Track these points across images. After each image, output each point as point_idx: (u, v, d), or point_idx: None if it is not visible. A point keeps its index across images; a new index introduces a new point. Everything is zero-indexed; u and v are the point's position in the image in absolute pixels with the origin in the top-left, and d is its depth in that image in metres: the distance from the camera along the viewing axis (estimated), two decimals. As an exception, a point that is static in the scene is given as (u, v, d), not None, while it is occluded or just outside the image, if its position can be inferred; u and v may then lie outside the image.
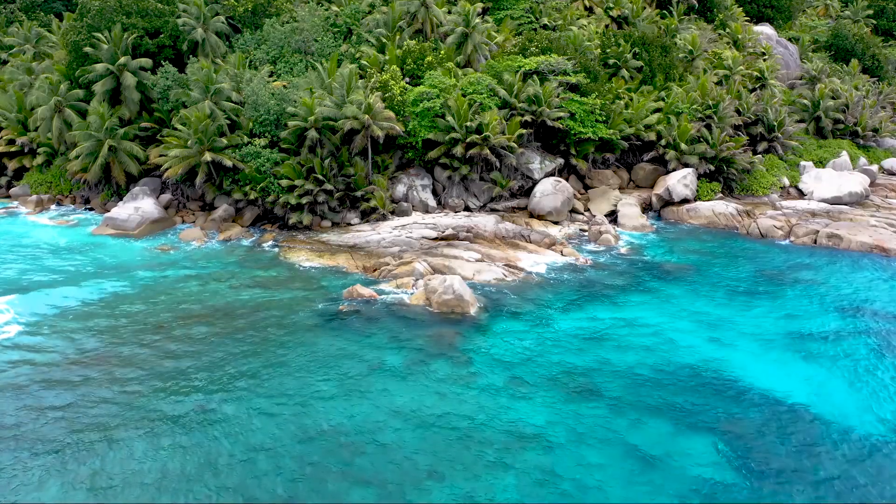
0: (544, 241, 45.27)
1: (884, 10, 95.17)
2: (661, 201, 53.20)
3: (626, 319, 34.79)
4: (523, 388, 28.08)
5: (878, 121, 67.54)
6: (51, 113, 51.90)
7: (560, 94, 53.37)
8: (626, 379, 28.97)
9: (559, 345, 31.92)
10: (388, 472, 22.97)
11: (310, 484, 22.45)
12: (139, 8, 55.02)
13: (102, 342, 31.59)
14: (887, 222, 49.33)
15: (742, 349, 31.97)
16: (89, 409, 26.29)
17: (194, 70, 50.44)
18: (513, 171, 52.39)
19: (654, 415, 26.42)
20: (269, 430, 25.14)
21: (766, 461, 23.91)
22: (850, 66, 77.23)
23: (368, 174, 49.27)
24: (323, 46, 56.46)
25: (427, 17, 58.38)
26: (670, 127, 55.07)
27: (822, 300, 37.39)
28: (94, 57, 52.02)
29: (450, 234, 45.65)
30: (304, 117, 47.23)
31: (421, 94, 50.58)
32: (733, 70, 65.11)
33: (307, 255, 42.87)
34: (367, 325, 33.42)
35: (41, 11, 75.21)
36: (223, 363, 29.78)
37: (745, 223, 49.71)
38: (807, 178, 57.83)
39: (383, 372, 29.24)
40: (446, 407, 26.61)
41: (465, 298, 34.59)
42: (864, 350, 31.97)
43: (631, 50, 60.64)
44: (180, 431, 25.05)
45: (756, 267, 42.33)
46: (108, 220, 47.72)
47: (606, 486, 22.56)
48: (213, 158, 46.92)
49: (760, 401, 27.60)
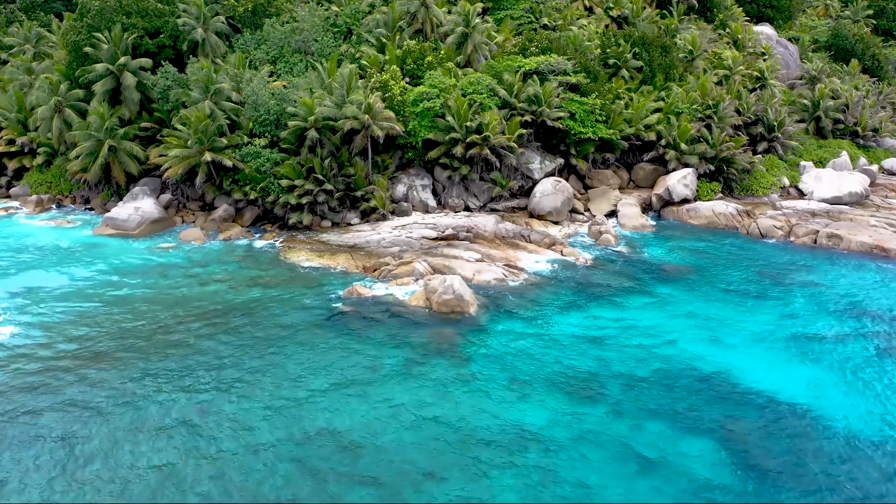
0: (544, 241, 45.27)
1: (884, 10, 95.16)
2: (661, 201, 53.20)
3: (626, 320, 34.80)
4: (523, 389, 28.10)
5: (878, 121, 67.54)
6: (51, 113, 51.90)
7: (560, 94, 53.37)
8: (625, 379, 28.98)
9: (559, 345, 31.94)
10: (388, 473, 22.97)
11: (309, 484, 22.45)
12: (139, 8, 55.02)
13: (102, 342, 31.61)
14: (887, 222, 49.33)
15: (742, 349, 31.97)
16: (87, 410, 26.30)
17: (194, 70, 50.46)
18: (513, 171, 52.40)
19: (654, 415, 26.43)
20: (268, 431, 25.15)
21: (766, 462, 23.91)
22: (850, 66, 77.23)
23: (368, 174, 49.27)
24: (323, 46, 56.47)
25: (427, 17, 58.38)
26: (670, 127, 55.08)
27: (822, 300, 37.39)
28: (94, 57, 52.03)
29: (450, 234, 45.66)
30: (304, 117, 47.24)
31: (421, 94, 50.59)
32: (733, 70, 65.11)
33: (307, 255, 42.88)
34: (366, 326, 33.43)
35: (41, 11, 75.17)
36: (223, 363, 29.80)
37: (745, 223, 49.71)
38: (807, 178, 57.83)
39: (383, 372, 29.25)
40: (446, 407, 26.61)
41: (464, 298, 34.59)
42: (864, 350, 31.97)
43: (631, 50, 60.65)
44: (180, 431, 25.06)
45: (756, 267, 42.33)
46: (108, 220, 47.73)
47: (606, 487, 22.56)
48: (213, 158, 46.94)
49: (760, 401, 27.60)
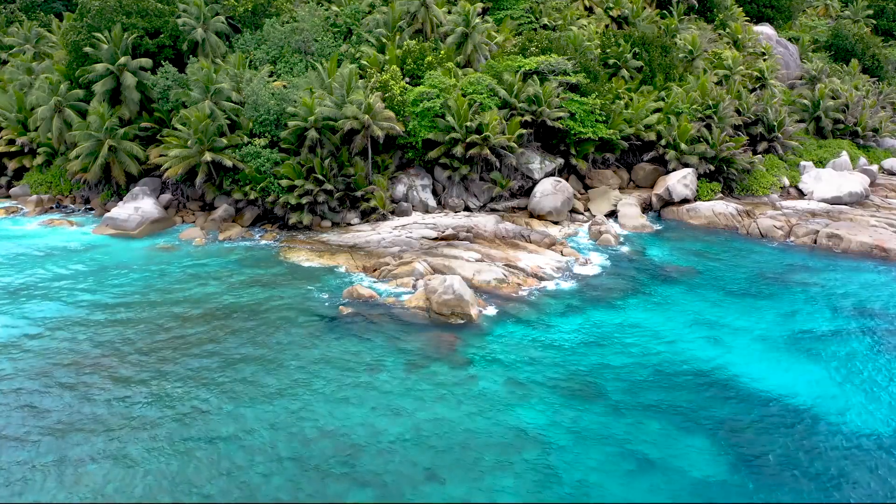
0: (544, 242, 45.26)
1: (884, 10, 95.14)
2: (661, 201, 53.19)
3: (626, 320, 34.80)
4: (523, 389, 28.10)
5: (878, 121, 67.53)
6: (51, 113, 51.86)
7: (560, 94, 53.36)
8: (625, 379, 28.99)
9: (559, 345, 31.94)
10: (388, 474, 22.96)
11: (309, 485, 22.45)
12: (139, 8, 54.99)
13: (101, 343, 31.60)
14: (887, 222, 49.32)
15: (742, 349, 31.97)
16: (87, 411, 26.30)
17: (194, 70, 50.44)
18: (513, 171, 52.39)
19: (654, 415, 26.43)
20: (268, 431, 25.13)
21: (766, 461, 23.91)
22: (850, 66, 77.22)
23: (368, 174, 49.26)
24: (323, 46, 56.46)
25: (427, 17, 58.37)
26: (670, 127, 55.07)
27: (823, 300, 37.39)
28: (94, 57, 52.01)
29: (450, 234, 45.65)
30: (304, 117, 47.23)
31: (421, 94, 50.57)
32: (733, 70, 65.09)
33: (307, 255, 42.88)
34: (366, 326, 33.42)
35: (41, 11, 75.08)
36: (222, 363, 29.79)
37: (745, 223, 49.70)
38: (807, 178, 57.82)
39: (383, 372, 29.25)
40: (446, 407, 26.61)
41: (464, 298, 34.58)
42: (864, 350, 31.98)
43: (631, 50, 60.64)
44: (179, 432, 25.06)
45: (756, 267, 42.33)
46: (108, 220, 47.72)
47: (606, 487, 22.56)
48: (213, 158, 46.93)
49: (761, 400, 27.61)
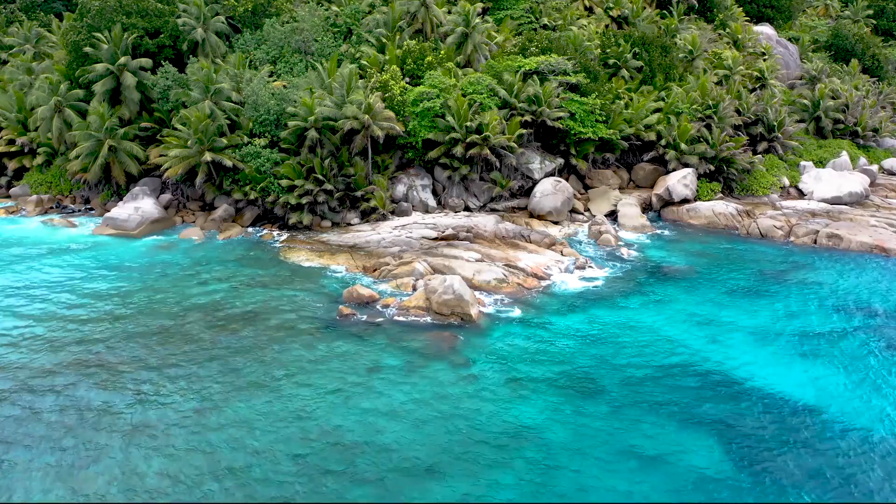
0: (544, 242, 45.26)
1: (884, 10, 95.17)
2: (661, 201, 53.19)
3: (626, 319, 34.79)
4: (523, 388, 28.09)
5: (878, 121, 67.55)
6: (51, 113, 51.88)
7: (560, 94, 53.37)
8: (626, 379, 28.98)
9: (558, 344, 31.94)
10: (388, 473, 22.96)
11: (310, 484, 22.44)
12: (139, 8, 55.01)
13: (101, 343, 31.58)
14: (887, 222, 49.34)
15: (742, 349, 31.96)
16: (87, 411, 26.29)
17: (194, 70, 50.46)
18: (513, 171, 52.40)
19: (654, 415, 26.42)
20: (268, 431, 25.12)
21: (766, 460, 23.91)
22: (850, 66, 77.24)
23: (368, 174, 49.27)
24: (323, 46, 56.47)
25: (427, 17, 58.37)
26: (670, 127, 55.07)
27: (823, 300, 37.40)
28: (94, 57, 52.02)
29: (450, 234, 45.65)
30: (304, 117, 47.23)
31: (421, 94, 50.57)
32: (733, 70, 65.11)
33: (307, 255, 42.88)
34: (366, 326, 33.43)
35: (41, 11, 75.12)
36: (222, 363, 29.77)
37: (745, 223, 49.70)
38: (807, 178, 57.83)
39: (383, 372, 29.24)
40: (446, 407, 26.60)
41: (464, 298, 34.57)
42: (864, 350, 31.97)
43: (631, 50, 60.64)
44: (179, 432, 25.05)
45: (756, 267, 42.33)
46: (108, 219, 47.73)
47: (606, 486, 22.55)
48: (213, 158, 46.94)
49: (761, 400, 27.60)
